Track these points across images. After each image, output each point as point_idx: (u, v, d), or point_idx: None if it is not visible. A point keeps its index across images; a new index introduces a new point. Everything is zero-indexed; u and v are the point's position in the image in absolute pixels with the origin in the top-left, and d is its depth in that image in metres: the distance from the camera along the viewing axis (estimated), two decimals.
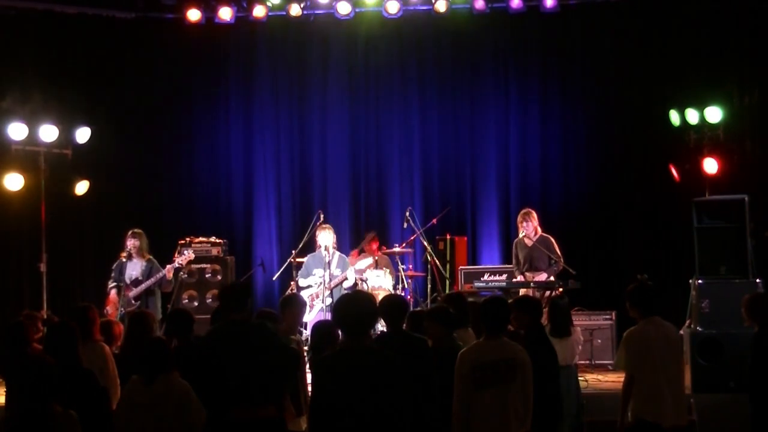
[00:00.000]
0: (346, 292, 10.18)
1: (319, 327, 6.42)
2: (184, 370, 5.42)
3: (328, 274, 10.31)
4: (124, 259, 9.84)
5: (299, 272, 10.73)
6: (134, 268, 9.84)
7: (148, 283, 9.77)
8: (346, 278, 10.41)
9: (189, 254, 10.38)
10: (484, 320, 5.59)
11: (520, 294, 10.04)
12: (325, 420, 4.37)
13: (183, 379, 5.33)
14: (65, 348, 5.51)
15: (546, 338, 6.35)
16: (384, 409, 4.31)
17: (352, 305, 4.58)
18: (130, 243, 9.87)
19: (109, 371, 6.19)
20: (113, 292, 9.72)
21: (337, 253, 10.67)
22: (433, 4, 12.24)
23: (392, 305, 5.84)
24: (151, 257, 9.99)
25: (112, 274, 9.95)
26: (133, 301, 9.71)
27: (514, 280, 10.44)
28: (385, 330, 5.98)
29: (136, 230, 10.01)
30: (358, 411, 4.31)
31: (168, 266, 9.95)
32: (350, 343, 4.48)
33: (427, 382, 5.46)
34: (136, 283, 9.77)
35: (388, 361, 4.45)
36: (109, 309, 9.58)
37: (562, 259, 10.21)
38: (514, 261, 10.63)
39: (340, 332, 5.15)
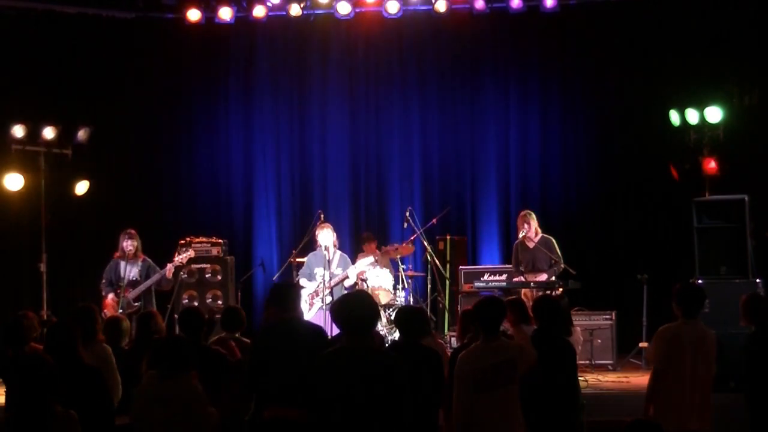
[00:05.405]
0: (346, 291, 10.17)
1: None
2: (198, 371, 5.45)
3: (329, 273, 10.29)
4: (119, 260, 9.74)
5: (300, 271, 10.68)
6: (131, 269, 9.73)
7: (148, 283, 9.69)
8: (347, 277, 10.37)
9: (189, 252, 10.36)
10: (480, 322, 5.56)
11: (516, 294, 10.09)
12: (322, 418, 4.37)
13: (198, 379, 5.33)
14: (65, 347, 5.50)
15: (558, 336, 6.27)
16: (381, 408, 4.31)
17: (352, 304, 4.58)
18: (128, 244, 9.70)
19: (111, 372, 6.18)
20: (111, 295, 9.65)
21: (339, 252, 10.61)
22: (433, 4, 12.24)
23: (407, 315, 6.08)
24: (145, 257, 9.90)
25: (105, 275, 9.84)
26: (133, 302, 9.65)
27: (514, 280, 10.42)
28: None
29: (130, 231, 9.82)
30: (354, 410, 4.31)
31: (168, 265, 9.90)
32: (349, 342, 4.47)
33: (431, 391, 5.53)
34: (134, 284, 9.70)
35: (386, 360, 4.45)
36: (108, 312, 9.42)
37: (561, 260, 10.20)
38: (513, 263, 10.53)
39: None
